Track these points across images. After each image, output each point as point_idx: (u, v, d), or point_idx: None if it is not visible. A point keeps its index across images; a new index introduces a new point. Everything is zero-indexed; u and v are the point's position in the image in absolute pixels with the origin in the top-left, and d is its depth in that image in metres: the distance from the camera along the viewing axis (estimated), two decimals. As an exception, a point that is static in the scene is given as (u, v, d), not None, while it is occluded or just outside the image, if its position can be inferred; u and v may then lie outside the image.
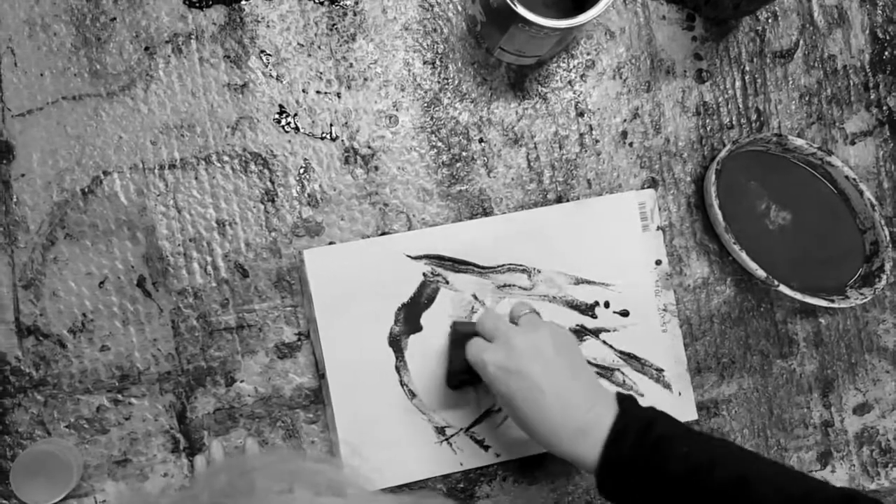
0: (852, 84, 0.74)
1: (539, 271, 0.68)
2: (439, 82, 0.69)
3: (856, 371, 0.73)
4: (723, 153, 0.68)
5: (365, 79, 0.68)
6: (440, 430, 0.66)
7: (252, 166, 0.66)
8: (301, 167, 0.67)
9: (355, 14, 0.68)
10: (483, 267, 0.67)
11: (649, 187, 0.71)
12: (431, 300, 0.66)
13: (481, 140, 0.69)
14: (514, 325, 0.59)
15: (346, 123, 0.67)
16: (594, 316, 0.68)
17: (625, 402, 0.55)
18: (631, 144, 0.71)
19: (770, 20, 0.73)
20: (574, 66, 0.71)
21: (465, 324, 0.65)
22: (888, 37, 0.74)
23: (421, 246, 0.66)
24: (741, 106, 0.72)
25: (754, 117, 0.72)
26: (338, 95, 0.68)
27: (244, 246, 0.66)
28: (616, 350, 0.68)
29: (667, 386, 0.69)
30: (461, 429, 0.66)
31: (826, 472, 0.72)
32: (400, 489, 0.65)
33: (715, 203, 0.67)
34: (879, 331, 0.74)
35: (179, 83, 0.66)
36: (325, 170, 0.67)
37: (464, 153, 0.69)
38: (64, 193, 0.65)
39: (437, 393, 0.66)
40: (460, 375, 0.63)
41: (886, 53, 0.74)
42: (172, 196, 0.66)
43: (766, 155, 0.72)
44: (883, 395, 0.74)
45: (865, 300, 0.69)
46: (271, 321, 0.66)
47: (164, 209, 0.66)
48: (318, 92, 0.67)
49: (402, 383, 0.65)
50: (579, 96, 0.70)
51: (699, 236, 0.71)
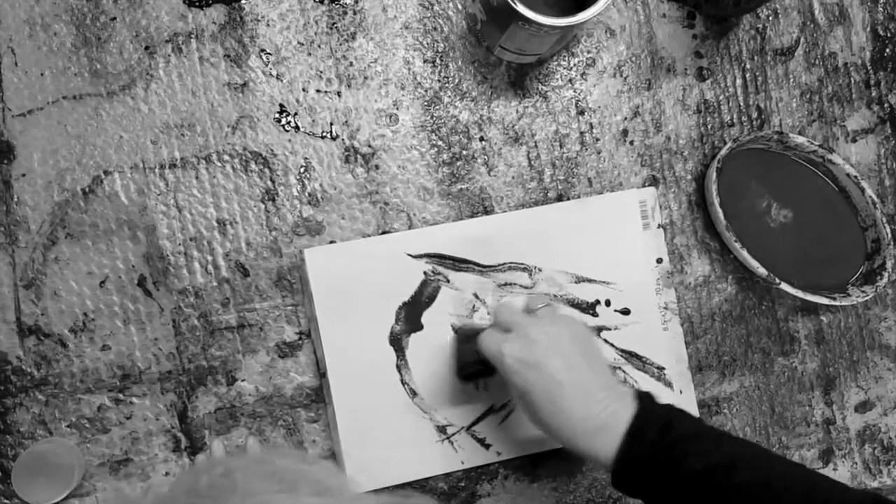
0: (853, 81, 0.74)
1: (540, 270, 0.68)
2: (439, 81, 0.69)
3: (857, 369, 0.73)
4: (724, 151, 0.68)
5: (365, 77, 0.68)
6: (441, 429, 0.66)
7: (252, 165, 0.66)
8: (301, 166, 0.67)
9: (355, 13, 0.68)
10: (484, 266, 0.67)
11: (650, 185, 0.70)
12: (432, 299, 0.66)
13: (482, 138, 0.69)
14: (531, 318, 0.58)
15: (347, 122, 0.67)
16: (595, 314, 0.68)
17: (643, 399, 0.54)
18: (632, 142, 0.71)
19: (771, 18, 0.73)
20: (574, 65, 0.70)
21: (469, 327, 0.65)
22: (889, 34, 0.74)
23: (422, 245, 0.66)
24: (742, 104, 0.72)
25: (755, 115, 0.72)
26: (338, 94, 0.68)
27: (245, 245, 0.66)
28: (617, 348, 0.68)
29: (668, 384, 0.69)
30: (462, 427, 0.66)
31: (828, 470, 0.72)
32: (399, 488, 0.65)
33: (716, 201, 0.67)
34: (881, 328, 0.74)
35: (180, 82, 0.66)
36: (326, 169, 0.67)
37: (464, 152, 0.69)
38: (65, 193, 0.65)
39: (440, 390, 0.66)
40: (471, 367, 0.63)
41: (887, 51, 0.74)
42: (173, 195, 0.66)
43: (767, 153, 0.72)
44: (885, 393, 0.73)
45: (867, 298, 0.68)
46: (272, 320, 0.66)
47: (165, 208, 0.66)
48: (319, 91, 0.67)
49: (403, 382, 0.65)
50: (580, 94, 0.70)
51: (700, 234, 0.71)
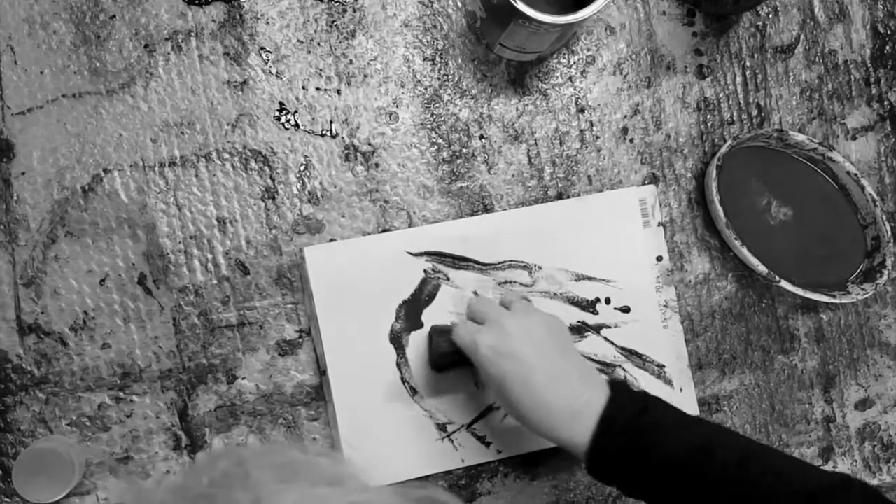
0: (853, 79, 0.74)
1: (540, 268, 0.68)
2: (439, 79, 0.69)
3: (857, 367, 0.73)
4: (724, 149, 0.68)
5: (365, 75, 0.68)
6: (441, 427, 0.66)
7: (252, 163, 0.66)
8: (301, 164, 0.67)
9: (355, 10, 0.68)
10: (484, 264, 0.67)
11: (650, 183, 0.70)
12: (432, 297, 0.66)
13: (482, 136, 0.69)
14: (506, 310, 0.59)
15: (347, 120, 0.67)
16: (595, 312, 0.68)
17: (617, 387, 0.55)
18: (631, 140, 0.71)
19: (770, 15, 0.73)
20: (574, 63, 0.70)
21: (441, 325, 0.65)
22: (889, 31, 0.74)
23: (422, 243, 0.66)
24: (742, 101, 0.72)
25: (755, 113, 0.72)
26: (338, 92, 0.67)
27: (245, 243, 0.66)
28: (617, 346, 0.68)
29: (668, 382, 0.69)
30: (462, 425, 0.66)
31: (828, 468, 0.72)
32: (399, 485, 0.65)
33: (716, 199, 0.67)
34: (881, 326, 0.74)
35: (179, 80, 0.66)
36: (326, 167, 0.67)
37: (464, 150, 0.69)
38: (64, 191, 0.65)
39: (440, 388, 0.66)
40: (447, 357, 0.62)
41: (887, 48, 0.74)
42: (173, 194, 0.66)
43: (768, 150, 0.72)
44: (885, 391, 0.73)
45: (867, 295, 0.68)
46: (272, 318, 0.66)
47: (165, 207, 0.66)
48: (318, 89, 0.67)
49: (404, 380, 0.65)
50: (580, 92, 0.70)
51: (700, 232, 0.71)
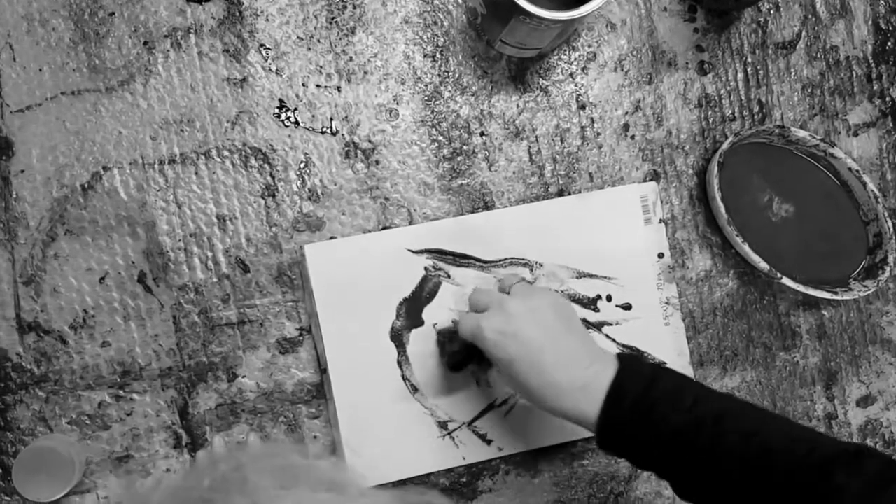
0: (855, 75, 0.73)
1: (541, 265, 0.67)
2: (440, 76, 0.68)
3: (859, 363, 0.73)
4: (725, 145, 0.68)
5: (365, 72, 0.68)
6: (442, 425, 0.66)
7: (252, 161, 0.66)
8: (301, 162, 0.67)
9: (355, 7, 0.68)
10: (485, 261, 0.67)
11: (651, 180, 0.70)
12: (433, 295, 0.66)
13: (482, 133, 0.69)
14: (506, 294, 0.59)
15: (347, 117, 0.67)
16: (596, 310, 0.68)
17: (625, 359, 0.55)
18: (633, 137, 0.70)
19: (772, 11, 0.72)
20: (575, 59, 0.70)
21: (447, 327, 0.66)
22: (891, 27, 0.74)
23: (422, 240, 0.66)
24: (743, 98, 0.72)
25: (756, 109, 0.72)
26: (338, 89, 0.67)
27: (245, 241, 0.66)
28: (619, 343, 0.68)
29: (669, 379, 0.69)
30: (463, 423, 0.66)
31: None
32: (402, 483, 0.65)
33: (717, 195, 0.67)
34: (883, 323, 0.74)
35: (179, 78, 0.66)
36: (326, 164, 0.67)
37: (465, 147, 0.69)
38: (64, 189, 0.65)
39: (441, 386, 0.66)
40: (457, 355, 0.63)
41: (889, 44, 0.74)
42: (172, 191, 0.65)
43: (769, 147, 0.71)
44: (886, 388, 0.73)
45: (869, 292, 0.68)
46: (272, 316, 0.66)
47: (165, 204, 0.65)
48: (318, 86, 0.67)
49: (404, 378, 0.65)
50: (581, 89, 0.70)
51: (701, 229, 0.71)
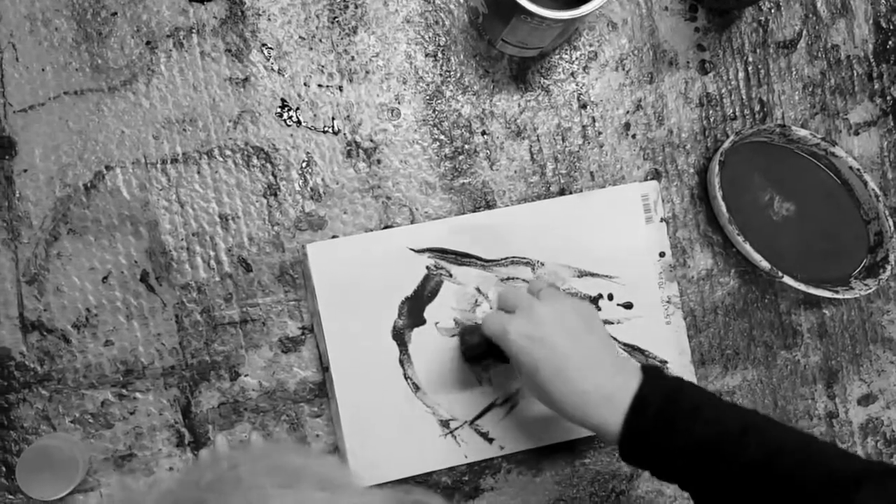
0: (856, 74, 0.74)
1: (542, 264, 0.68)
2: (441, 75, 0.69)
3: (860, 362, 0.73)
4: (726, 144, 0.68)
5: (367, 72, 0.68)
6: (444, 423, 0.66)
7: (254, 160, 0.66)
8: (303, 161, 0.67)
9: (356, 7, 0.68)
10: (486, 260, 0.67)
11: (652, 179, 0.70)
12: (435, 293, 0.66)
13: (484, 133, 0.69)
14: (535, 298, 0.59)
15: (349, 117, 0.67)
16: (598, 308, 0.68)
17: (650, 370, 0.55)
18: (634, 136, 0.71)
19: (773, 10, 0.72)
20: (576, 58, 0.70)
21: (471, 320, 0.66)
22: (892, 26, 0.74)
23: (424, 239, 0.66)
24: (744, 97, 0.72)
25: (757, 108, 0.72)
26: (340, 89, 0.67)
27: (247, 240, 0.66)
28: (620, 342, 0.68)
29: (671, 378, 0.69)
30: (465, 421, 0.66)
31: (830, 463, 0.72)
32: (402, 482, 0.65)
33: (718, 194, 0.67)
34: (884, 321, 0.74)
35: (181, 77, 0.66)
36: (328, 163, 0.67)
37: (466, 146, 0.69)
38: (66, 189, 0.65)
39: (443, 384, 0.66)
40: (476, 349, 0.62)
41: (890, 43, 0.74)
42: (175, 191, 0.66)
43: (770, 146, 0.71)
44: (887, 386, 0.73)
45: (869, 291, 0.68)
46: (275, 315, 0.66)
47: (167, 204, 0.65)
48: (320, 85, 0.67)
49: (406, 376, 0.65)
50: (582, 88, 0.70)
51: (703, 228, 0.71)
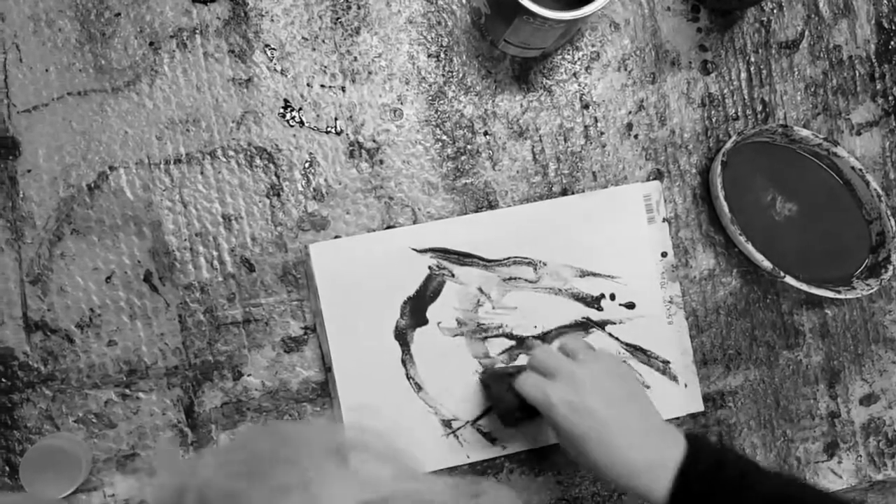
0: (858, 74, 0.74)
1: (545, 264, 0.68)
2: (444, 75, 0.69)
3: (862, 362, 0.73)
4: (728, 144, 0.68)
5: (369, 72, 0.68)
6: (447, 423, 0.66)
7: (257, 161, 0.66)
8: (306, 161, 0.67)
9: (359, 7, 0.68)
10: (488, 260, 0.67)
11: (655, 179, 0.70)
12: (437, 293, 0.66)
13: (486, 133, 0.69)
14: (572, 360, 0.58)
15: (351, 117, 0.67)
16: (600, 308, 0.68)
17: (693, 440, 0.55)
18: (636, 136, 0.71)
19: (775, 10, 0.72)
20: (579, 59, 0.70)
21: (493, 370, 0.65)
22: (894, 27, 0.74)
23: (426, 239, 0.66)
24: (746, 97, 0.72)
25: (760, 108, 0.72)
26: (342, 89, 0.68)
27: (250, 240, 0.66)
28: (622, 342, 0.68)
29: (673, 378, 0.69)
30: (467, 421, 0.66)
31: (832, 463, 0.72)
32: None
33: (721, 195, 0.67)
34: (886, 321, 0.74)
35: (184, 78, 0.66)
36: (331, 164, 0.67)
37: (469, 146, 0.69)
38: (70, 189, 0.65)
39: (445, 384, 0.66)
40: (515, 412, 0.60)
41: (892, 43, 0.74)
42: (178, 191, 0.66)
43: (772, 146, 0.71)
44: (889, 386, 0.73)
45: (871, 291, 0.68)
46: (278, 315, 0.66)
47: (170, 204, 0.66)
48: (323, 86, 0.67)
49: (409, 376, 0.66)
50: (584, 88, 0.70)
51: (705, 228, 0.71)
